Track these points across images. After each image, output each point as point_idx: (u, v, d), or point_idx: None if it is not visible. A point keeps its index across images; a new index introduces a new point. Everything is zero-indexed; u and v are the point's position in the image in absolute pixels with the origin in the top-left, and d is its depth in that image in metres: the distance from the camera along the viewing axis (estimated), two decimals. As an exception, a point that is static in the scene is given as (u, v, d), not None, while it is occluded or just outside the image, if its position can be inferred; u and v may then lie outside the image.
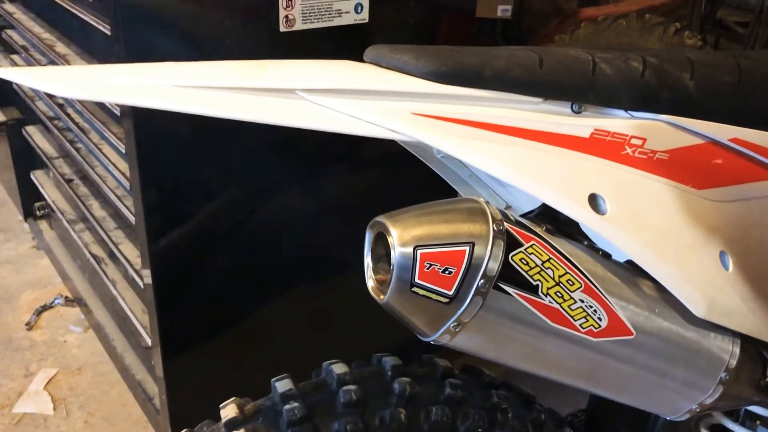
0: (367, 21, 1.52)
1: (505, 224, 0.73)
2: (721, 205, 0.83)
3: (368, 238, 0.75)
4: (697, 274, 0.79)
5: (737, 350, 0.84)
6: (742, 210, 0.84)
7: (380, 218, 0.72)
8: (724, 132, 0.82)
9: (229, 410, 0.88)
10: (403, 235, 0.70)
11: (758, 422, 1.05)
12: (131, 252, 1.75)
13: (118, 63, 1.31)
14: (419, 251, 0.69)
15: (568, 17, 2.52)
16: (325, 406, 0.88)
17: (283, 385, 0.89)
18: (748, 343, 0.85)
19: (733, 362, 0.84)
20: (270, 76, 0.72)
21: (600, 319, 0.76)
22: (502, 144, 0.75)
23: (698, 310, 0.80)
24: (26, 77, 0.66)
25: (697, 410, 0.86)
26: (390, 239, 0.70)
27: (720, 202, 0.83)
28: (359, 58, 0.82)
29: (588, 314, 0.75)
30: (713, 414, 1.05)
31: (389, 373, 0.93)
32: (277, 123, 0.70)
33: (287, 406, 0.85)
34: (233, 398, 0.91)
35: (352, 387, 0.88)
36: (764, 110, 0.84)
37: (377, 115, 0.72)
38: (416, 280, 0.69)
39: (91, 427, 1.99)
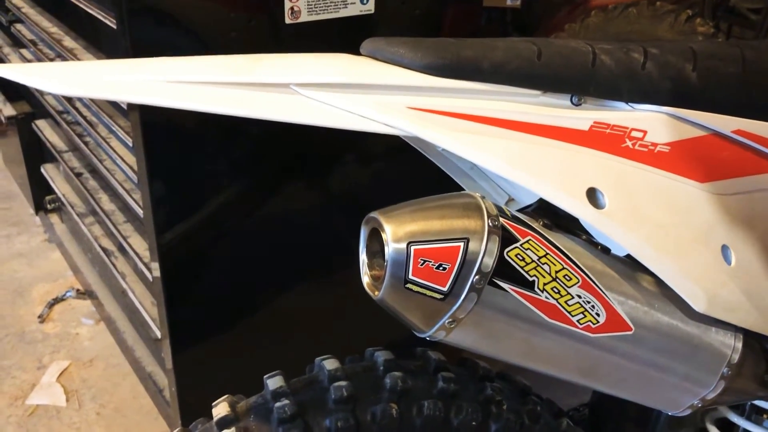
0: (372, 12, 1.51)
1: (501, 219, 0.72)
2: (724, 198, 0.81)
3: (363, 233, 0.74)
4: (698, 269, 0.78)
5: (739, 345, 0.83)
6: (745, 203, 0.82)
7: (374, 214, 0.72)
8: (727, 123, 0.80)
9: (220, 408, 0.88)
10: (396, 231, 0.69)
11: (765, 416, 1.03)
12: (140, 245, 1.75)
13: (124, 57, 1.31)
14: (413, 247, 0.68)
15: (579, 6, 2.49)
16: (316, 402, 0.87)
17: (274, 382, 0.89)
18: (750, 337, 0.84)
19: (735, 357, 0.82)
20: (263, 71, 0.72)
21: (598, 314, 0.75)
22: (499, 138, 0.74)
23: (699, 306, 0.78)
24: (16, 73, 0.65)
25: (699, 405, 0.85)
26: (384, 235, 0.69)
27: (723, 195, 0.81)
28: (365, 50, 0.81)
29: (585, 310, 0.74)
30: (719, 408, 1.04)
31: (381, 368, 0.92)
32: (271, 118, 0.70)
33: (278, 404, 0.85)
34: (226, 396, 0.91)
35: (343, 383, 0.87)
36: (768, 101, 0.82)
37: (372, 109, 0.71)
38: (410, 276, 0.69)
39: (103, 419, 2.00)
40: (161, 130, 1.37)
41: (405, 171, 1.47)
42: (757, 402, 1.01)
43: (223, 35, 1.36)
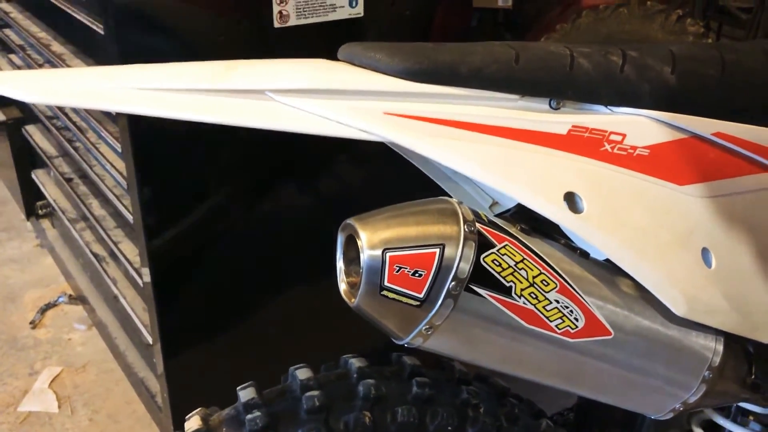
0: (362, 15, 1.51)
1: (477, 225, 0.71)
2: (704, 201, 0.81)
3: (340, 240, 0.74)
4: (678, 273, 0.78)
5: (720, 348, 0.82)
6: (725, 205, 0.82)
7: (350, 220, 0.71)
8: (706, 126, 0.80)
9: (192, 422, 0.87)
10: (371, 237, 0.69)
11: (751, 417, 1.03)
12: (131, 251, 1.75)
13: (112, 62, 1.31)
14: (388, 254, 0.68)
15: (570, 5, 2.48)
16: (288, 413, 0.86)
17: (246, 393, 0.88)
18: (732, 340, 0.83)
19: (717, 360, 0.82)
20: (238, 77, 0.71)
21: (577, 319, 0.74)
22: (477, 143, 0.73)
23: (679, 309, 0.78)
24: None
25: (681, 409, 0.85)
26: (359, 242, 0.69)
27: (703, 197, 0.81)
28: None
29: (564, 315, 0.74)
30: (705, 410, 1.04)
31: (354, 375, 0.91)
32: (245, 125, 0.70)
33: (249, 416, 0.84)
34: (199, 409, 0.91)
35: (315, 392, 0.87)
36: (748, 103, 0.82)
37: (347, 115, 0.71)
38: (386, 283, 0.68)
39: (96, 425, 2.00)
40: (150, 136, 1.36)
41: (391, 175, 1.47)
42: (742, 404, 1.01)
43: (211, 39, 1.36)
